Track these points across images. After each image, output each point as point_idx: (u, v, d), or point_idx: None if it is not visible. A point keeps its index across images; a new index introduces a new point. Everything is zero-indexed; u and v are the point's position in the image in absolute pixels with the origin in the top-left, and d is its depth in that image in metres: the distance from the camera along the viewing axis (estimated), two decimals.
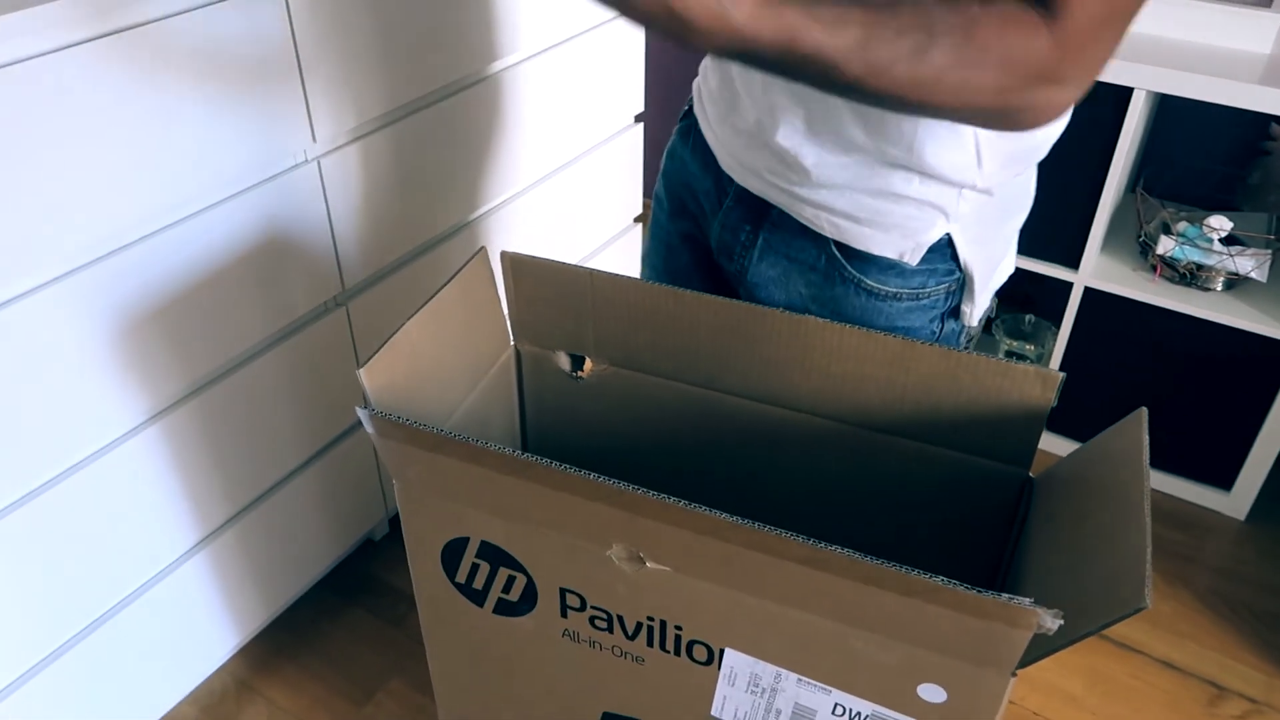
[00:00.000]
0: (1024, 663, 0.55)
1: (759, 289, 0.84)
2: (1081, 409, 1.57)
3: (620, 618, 0.68)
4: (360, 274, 1.18)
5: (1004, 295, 1.78)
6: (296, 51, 1.00)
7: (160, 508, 1.06)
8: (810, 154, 0.74)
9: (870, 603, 0.57)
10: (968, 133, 0.70)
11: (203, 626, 1.17)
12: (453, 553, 0.73)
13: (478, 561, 0.72)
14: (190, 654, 1.17)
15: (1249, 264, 1.38)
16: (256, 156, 1.01)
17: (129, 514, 1.02)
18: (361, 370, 0.69)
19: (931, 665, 0.58)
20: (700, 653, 0.67)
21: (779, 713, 0.66)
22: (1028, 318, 1.70)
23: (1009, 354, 1.68)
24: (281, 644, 1.30)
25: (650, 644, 0.68)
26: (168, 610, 1.11)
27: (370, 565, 1.41)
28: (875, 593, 0.56)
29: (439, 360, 0.79)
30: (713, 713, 0.69)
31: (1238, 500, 1.50)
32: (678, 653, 0.67)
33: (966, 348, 0.81)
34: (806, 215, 0.77)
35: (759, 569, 0.59)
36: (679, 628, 0.66)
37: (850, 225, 0.76)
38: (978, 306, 0.82)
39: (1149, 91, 1.33)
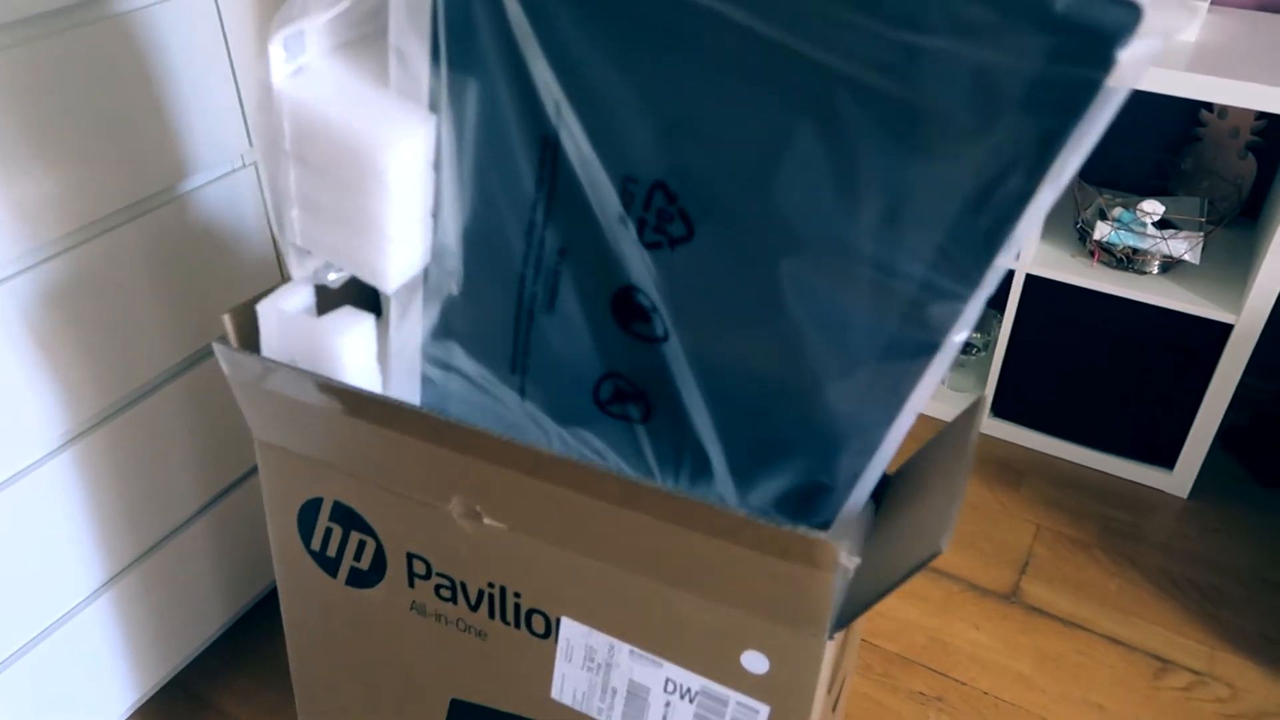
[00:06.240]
0: (840, 623, 0.57)
1: None
2: (1027, 393, 1.60)
3: (463, 585, 0.71)
4: None
5: None
6: (229, 53, 0.99)
7: (69, 543, 0.98)
8: None
9: (686, 551, 0.59)
10: None
11: (106, 677, 1.07)
12: (308, 516, 0.75)
13: (331, 525, 0.75)
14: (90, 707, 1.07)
15: (1182, 247, 1.41)
16: (189, 161, 1.00)
17: (34, 551, 0.94)
18: (226, 315, 0.72)
19: (751, 629, 0.61)
20: (539, 623, 0.69)
21: (614, 692, 0.68)
22: None
23: None
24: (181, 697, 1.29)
25: (492, 615, 0.70)
26: (67, 661, 1.02)
27: None
28: (687, 535, 0.58)
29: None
30: (553, 694, 0.71)
31: (1180, 478, 1.54)
32: (518, 624, 0.70)
33: None
34: None
35: (583, 516, 0.61)
36: (518, 595, 0.68)
37: None
38: None
39: None
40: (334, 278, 0.78)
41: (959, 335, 0.57)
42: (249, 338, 0.76)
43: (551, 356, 0.72)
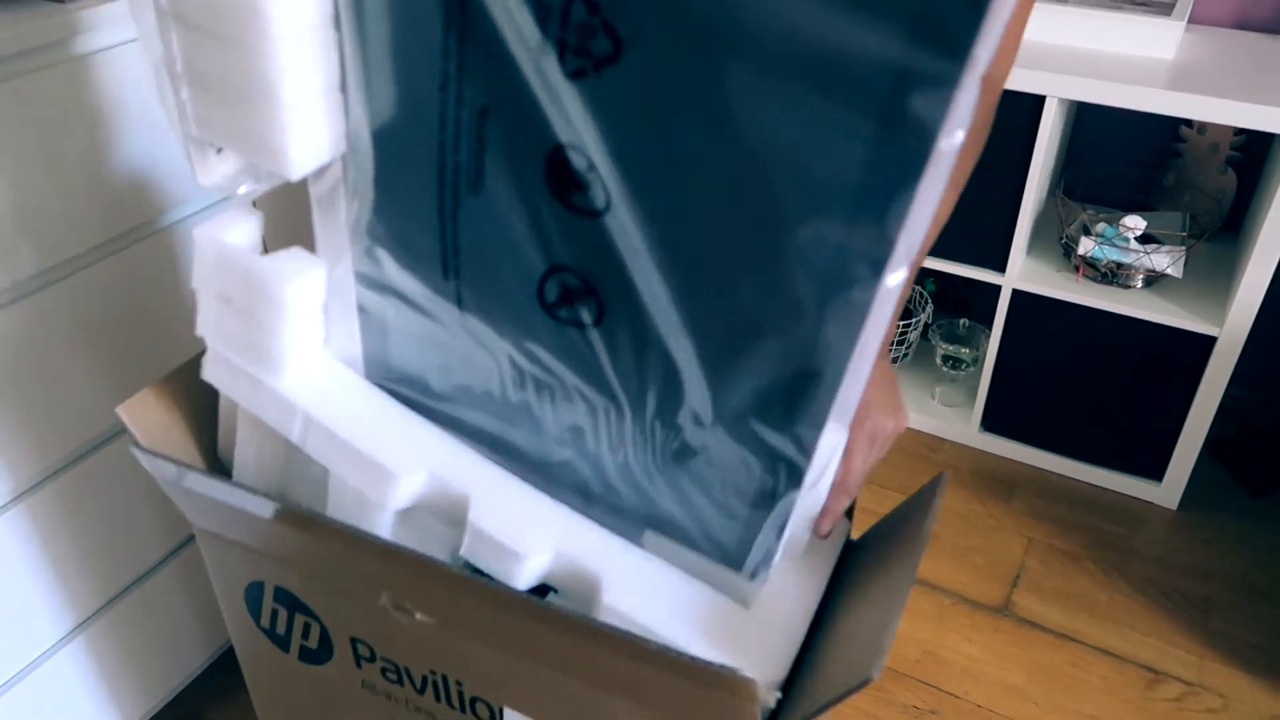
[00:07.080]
0: None
1: None
2: (1016, 407, 1.62)
3: (407, 670, 0.69)
4: None
5: (938, 301, 1.82)
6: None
7: (26, 594, 0.94)
8: None
9: (608, 665, 0.57)
10: None
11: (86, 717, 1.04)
12: (254, 595, 0.73)
13: (276, 607, 0.73)
14: None
15: (1165, 261, 1.43)
16: (143, 205, 0.93)
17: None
18: (120, 408, 0.66)
19: None
20: (483, 711, 0.67)
21: None
22: (962, 322, 1.75)
23: (945, 358, 1.72)
24: None
25: (438, 699, 0.69)
26: (43, 702, 0.99)
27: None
28: (606, 654, 0.56)
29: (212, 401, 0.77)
30: None
31: (1169, 490, 1.55)
32: (463, 709, 0.68)
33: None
34: None
35: (507, 624, 0.59)
36: (460, 683, 0.66)
37: None
38: None
39: (1061, 99, 1.38)
40: (244, 190, 0.67)
41: (950, 138, 0.47)
42: (167, 418, 0.71)
43: (486, 251, 0.63)
